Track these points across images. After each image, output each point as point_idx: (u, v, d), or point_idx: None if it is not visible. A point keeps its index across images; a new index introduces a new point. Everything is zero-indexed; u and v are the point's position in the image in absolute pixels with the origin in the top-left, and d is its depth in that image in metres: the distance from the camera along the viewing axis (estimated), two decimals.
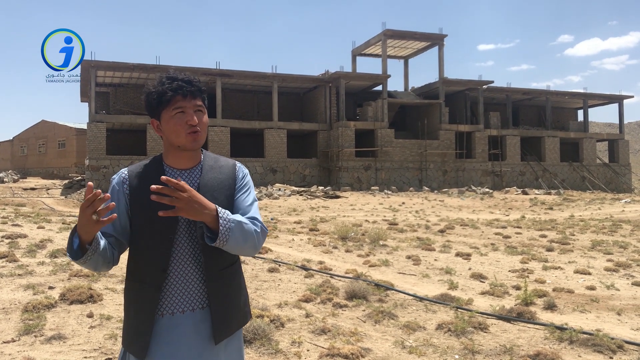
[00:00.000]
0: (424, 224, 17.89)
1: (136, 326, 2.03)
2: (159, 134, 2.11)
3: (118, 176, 2.11)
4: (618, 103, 51.79)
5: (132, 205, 2.05)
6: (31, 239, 11.48)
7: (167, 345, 2.01)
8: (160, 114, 2.07)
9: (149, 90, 2.09)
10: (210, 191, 2.07)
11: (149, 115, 2.13)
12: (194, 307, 2.06)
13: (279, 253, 10.80)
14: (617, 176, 49.45)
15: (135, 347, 2.02)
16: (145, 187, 1.96)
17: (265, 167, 38.62)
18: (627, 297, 7.52)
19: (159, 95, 2.05)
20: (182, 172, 2.11)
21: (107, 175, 34.51)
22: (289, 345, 4.96)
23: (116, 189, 2.06)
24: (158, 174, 2.00)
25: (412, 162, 41.94)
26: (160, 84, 2.06)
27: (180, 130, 2.04)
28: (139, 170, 2.10)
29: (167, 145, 2.11)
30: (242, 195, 2.16)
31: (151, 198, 1.81)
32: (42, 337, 5.00)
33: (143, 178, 2.06)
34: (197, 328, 2.05)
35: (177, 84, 2.04)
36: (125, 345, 2.08)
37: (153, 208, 1.92)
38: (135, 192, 2.05)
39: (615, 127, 78.49)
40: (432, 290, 7.62)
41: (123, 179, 2.09)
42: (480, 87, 44.99)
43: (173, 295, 2.04)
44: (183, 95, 2.04)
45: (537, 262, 10.46)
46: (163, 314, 2.03)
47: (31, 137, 52.10)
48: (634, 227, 17.52)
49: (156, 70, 36.65)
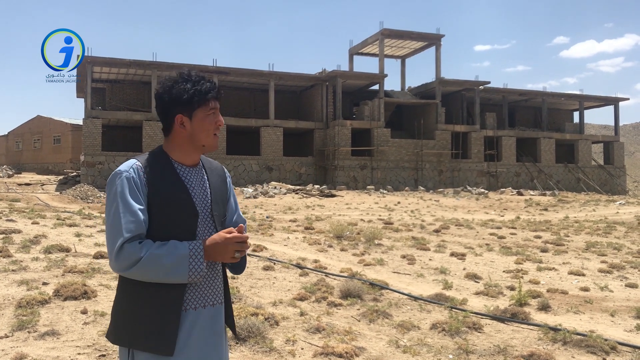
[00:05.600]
0: (419, 224, 17.91)
1: (158, 323, 1.98)
2: (181, 130, 2.08)
3: (131, 168, 2.01)
4: (614, 105, 51.96)
5: (151, 199, 2.00)
6: (25, 235, 11.44)
7: (193, 339, 2.04)
8: (193, 111, 2.07)
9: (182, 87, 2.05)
10: (217, 195, 2.19)
11: (173, 110, 2.07)
12: (213, 302, 2.12)
13: (274, 251, 10.79)
14: (611, 178, 49.62)
15: (158, 343, 1.97)
16: (161, 181, 2.01)
17: (261, 165, 38.59)
18: (620, 299, 7.55)
19: (199, 94, 2.05)
20: (191, 169, 2.14)
21: (102, 172, 34.43)
22: (283, 344, 4.96)
23: (137, 181, 1.99)
24: (171, 170, 2.07)
25: (408, 162, 41.99)
26: (196, 82, 2.06)
27: (211, 130, 2.10)
28: (151, 164, 2.06)
29: (183, 141, 2.10)
30: (232, 199, 2.30)
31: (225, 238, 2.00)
32: (35, 333, 4.98)
33: (159, 173, 2.04)
34: (212, 323, 2.11)
35: (213, 85, 2.10)
36: (141, 344, 2.00)
37: (175, 204, 2.01)
38: (152, 186, 2.01)
39: (610, 129, 78.68)
40: (426, 290, 7.63)
41: (138, 171, 2.02)
42: (477, 87, 45.06)
43: (197, 290, 2.06)
44: (217, 97, 2.11)
45: (531, 262, 10.48)
46: (187, 309, 2.04)
47: (26, 132, 51.87)
48: (628, 229, 17.58)
49: (153, 66, 36.58)
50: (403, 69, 51.93)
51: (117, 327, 2.06)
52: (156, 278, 1.92)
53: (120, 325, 2.05)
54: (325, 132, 41.08)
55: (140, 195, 1.97)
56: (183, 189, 2.07)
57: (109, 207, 1.98)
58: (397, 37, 45.22)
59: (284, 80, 41.44)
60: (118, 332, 2.05)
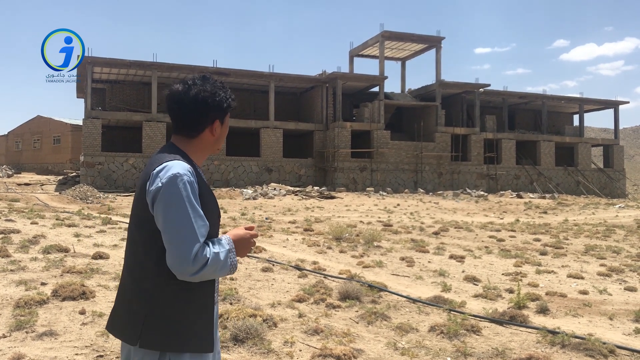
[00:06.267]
0: (418, 226, 17.91)
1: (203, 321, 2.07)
2: (213, 135, 2.19)
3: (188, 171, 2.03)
4: (613, 108, 52.00)
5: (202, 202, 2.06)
6: (24, 235, 11.44)
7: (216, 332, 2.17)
8: (225, 117, 2.22)
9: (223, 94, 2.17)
10: None
11: (213, 115, 2.16)
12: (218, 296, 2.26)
13: (273, 252, 10.79)
14: (611, 181, 49.62)
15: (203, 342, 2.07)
16: (203, 186, 2.10)
17: (260, 166, 38.58)
18: (619, 302, 7.54)
19: (231, 102, 2.22)
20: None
21: (102, 172, 34.43)
22: (282, 345, 4.95)
23: (195, 186, 2.03)
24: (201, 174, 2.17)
25: (408, 164, 42.00)
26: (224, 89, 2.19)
27: (225, 135, 2.28)
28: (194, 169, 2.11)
29: (206, 145, 2.21)
30: None
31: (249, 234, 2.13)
32: (33, 333, 4.98)
33: (200, 177, 2.12)
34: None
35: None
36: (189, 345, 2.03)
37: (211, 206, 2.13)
38: (201, 191, 2.07)
39: (610, 132, 78.70)
40: (425, 292, 7.63)
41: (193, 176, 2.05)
42: (477, 90, 45.07)
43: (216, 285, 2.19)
44: None
45: (530, 265, 10.48)
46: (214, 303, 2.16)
47: (26, 132, 51.85)
48: (627, 233, 17.58)
49: (153, 67, 36.59)
50: (403, 71, 51.99)
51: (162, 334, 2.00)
52: (214, 275, 2.00)
53: (165, 330, 2.01)
54: (325, 133, 41.08)
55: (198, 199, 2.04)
56: (211, 192, 2.19)
57: (175, 210, 1.95)
58: (397, 39, 45.26)
59: (284, 82, 41.45)
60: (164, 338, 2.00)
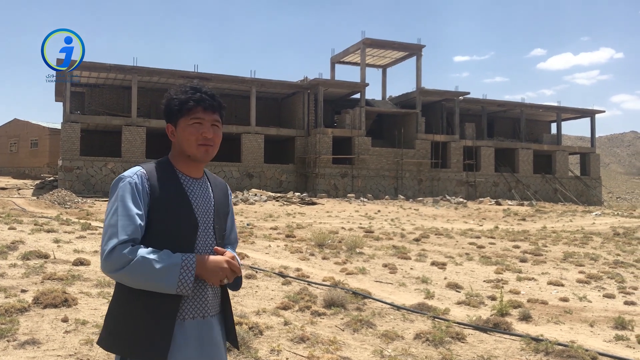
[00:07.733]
0: (399, 232, 17.99)
1: (152, 331, 1.97)
2: (172, 140, 2.16)
3: (136, 175, 2.03)
4: (590, 117, 52.91)
5: (153, 208, 2.02)
6: (2, 240, 11.22)
7: (188, 349, 2.03)
8: (177, 120, 2.12)
9: (171, 97, 2.13)
10: (221, 209, 2.23)
11: (166, 120, 2.16)
12: (212, 313, 2.13)
13: (256, 259, 10.75)
14: (588, 189, 50.40)
15: (151, 352, 1.96)
16: (164, 191, 2.04)
17: (241, 172, 38.45)
18: (598, 309, 7.67)
19: (180, 103, 2.10)
20: (195, 181, 2.17)
21: (80, 177, 33.99)
22: (268, 354, 4.94)
23: (140, 188, 2.00)
24: (174, 180, 2.10)
25: (388, 171, 42.19)
26: (184, 92, 2.11)
27: (193, 140, 2.10)
28: (155, 173, 2.08)
29: (179, 152, 2.15)
30: (231, 215, 2.35)
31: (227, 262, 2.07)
32: (15, 342, 4.88)
33: (162, 182, 2.07)
34: (211, 333, 2.11)
35: (201, 95, 2.11)
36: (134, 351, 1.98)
37: (175, 214, 2.03)
38: (156, 195, 2.03)
39: (586, 140, 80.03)
40: (408, 299, 7.66)
41: (143, 178, 2.03)
42: (457, 98, 45.52)
43: (195, 300, 2.07)
44: (204, 107, 2.10)
45: (511, 272, 10.60)
46: (184, 318, 2.04)
47: (2, 135, 50.95)
48: (604, 240, 17.87)
49: (133, 71, 36.31)
50: (384, 79, 52.30)
51: (110, 334, 2.02)
52: (144, 283, 1.90)
53: (113, 332, 2.02)
54: (307, 139, 41.11)
55: (140, 202, 1.99)
56: (185, 200, 2.09)
57: (109, 209, 1.99)
58: (378, 47, 45.55)
59: (265, 87, 41.41)
60: (111, 340, 2.02)
